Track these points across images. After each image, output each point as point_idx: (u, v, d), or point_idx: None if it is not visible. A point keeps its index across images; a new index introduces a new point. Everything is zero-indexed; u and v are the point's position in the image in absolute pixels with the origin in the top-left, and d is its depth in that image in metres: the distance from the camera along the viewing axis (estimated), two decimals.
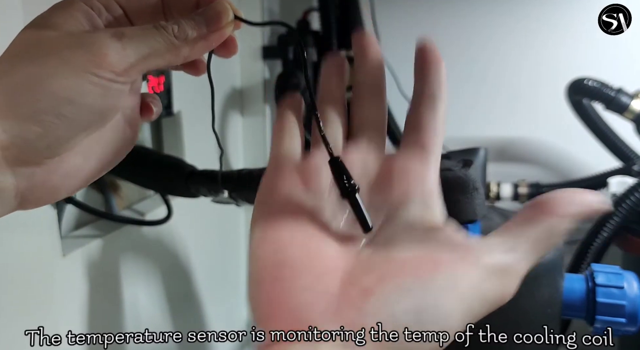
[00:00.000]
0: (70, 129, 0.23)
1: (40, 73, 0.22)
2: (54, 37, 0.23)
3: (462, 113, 1.14)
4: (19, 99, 0.22)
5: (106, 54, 0.22)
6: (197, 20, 0.25)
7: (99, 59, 0.22)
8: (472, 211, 0.45)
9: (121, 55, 0.23)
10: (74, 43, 0.22)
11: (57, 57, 0.22)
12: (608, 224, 0.78)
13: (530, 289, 0.45)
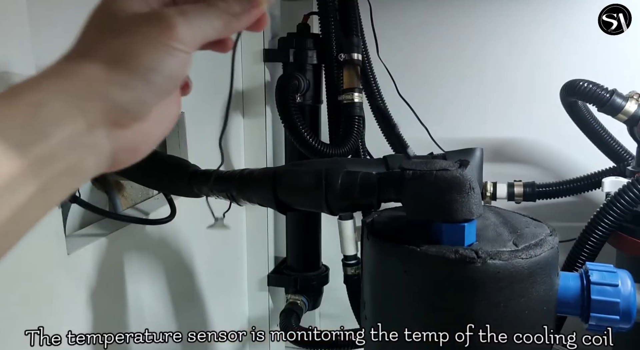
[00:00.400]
0: (155, 94, 0.27)
1: (131, 47, 0.26)
2: (130, 16, 0.27)
3: (459, 114, 1.15)
4: (117, 70, 0.26)
5: (176, 28, 0.27)
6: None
7: (171, 32, 0.27)
8: (469, 210, 0.46)
9: (187, 29, 0.27)
10: (148, 20, 0.27)
11: (139, 33, 0.26)
12: (602, 223, 0.79)
13: (525, 287, 0.46)
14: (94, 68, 0.25)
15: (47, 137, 0.23)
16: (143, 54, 0.26)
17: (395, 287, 0.50)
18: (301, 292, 1.07)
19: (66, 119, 0.24)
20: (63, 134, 0.24)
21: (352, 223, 0.98)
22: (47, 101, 0.24)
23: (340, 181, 0.49)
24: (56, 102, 0.24)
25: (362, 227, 0.55)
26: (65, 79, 0.25)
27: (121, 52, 0.26)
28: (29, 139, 0.23)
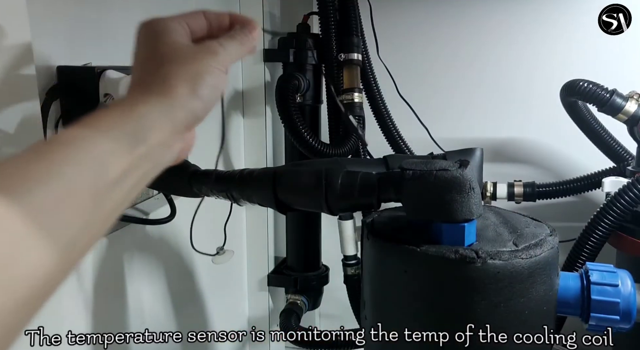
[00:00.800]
0: (213, 104, 0.37)
1: (198, 71, 0.36)
2: (186, 48, 0.37)
3: (459, 114, 1.15)
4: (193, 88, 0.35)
5: (220, 55, 0.37)
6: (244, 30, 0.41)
7: (219, 59, 0.37)
8: (469, 210, 0.46)
9: (226, 56, 0.38)
10: (202, 51, 0.37)
11: (198, 60, 0.36)
12: (602, 223, 0.79)
13: (525, 287, 0.46)
14: (177, 88, 0.34)
15: (146, 140, 0.32)
16: (206, 76, 0.36)
17: (395, 287, 0.50)
18: (301, 292, 1.07)
19: (160, 127, 0.33)
20: (157, 139, 0.33)
21: (352, 223, 0.98)
22: (147, 114, 0.33)
23: (340, 181, 0.49)
24: (154, 114, 0.33)
25: (362, 227, 0.55)
26: (157, 96, 0.34)
27: (193, 76, 0.35)
28: (135, 142, 0.31)
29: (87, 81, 0.57)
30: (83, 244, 0.29)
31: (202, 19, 0.40)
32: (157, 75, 0.35)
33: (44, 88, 0.55)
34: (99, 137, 0.30)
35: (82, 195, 0.28)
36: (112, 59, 0.65)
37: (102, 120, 0.31)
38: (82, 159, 0.29)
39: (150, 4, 0.74)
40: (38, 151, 0.28)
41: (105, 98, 0.56)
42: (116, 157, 0.30)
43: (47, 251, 0.27)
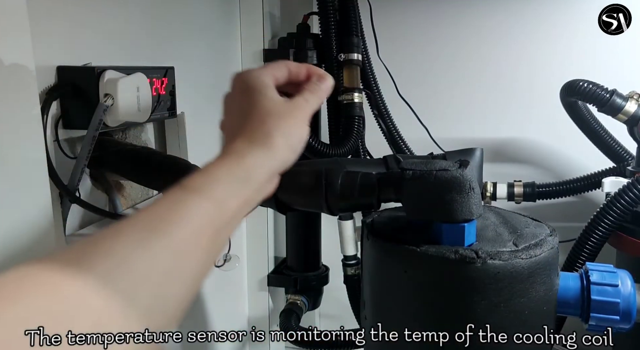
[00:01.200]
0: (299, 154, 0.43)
1: (292, 126, 0.42)
2: (282, 103, 0.42)
3: (459, 114, 1.15)
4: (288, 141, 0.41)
5: (305, 110, 0.44)
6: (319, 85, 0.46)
7: (305, 114, 0.43)
8: (469, 210, 0.46)
9: (309, 109, 0.44)
10: (293, 107, 0.43)
11: (292, 117, 0.42)
12: (602, 223, 0.79)
13: (525, 287, 0.46)
14: (277, 142, 0.40)
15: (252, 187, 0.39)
16: (297, 130, 0.42)
17: (395, 287, 0.50)
18: (301, 292, 1.07)
19: (262, 174, 0.39)
20: (259, 184, 0.39)
21: (352, 223, 0.98)
22: (254, 164, 0.39)
23: (340, 181, 0.49)
24: (258, 164, 0.39)
25: (362, 227, 0.55)
26: (261, 149, 0.40)
27: (287, 130, 0.41)
28: (244, 188, 0.38)
29: (87, 81, 0.57)
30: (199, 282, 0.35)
31: (285, 70, 0.46)
32: (261, 130, 0.41)
33: (44, 88, 0.55)
34: (216, 186, 0.36)
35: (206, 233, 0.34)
36: (112, 59, 0.65)
37: (219, 170, 0.38)
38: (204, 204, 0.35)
39: (150, 4, 0.74)
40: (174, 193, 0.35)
41: (105, 98, 0.56)
42: (230, 201, 0.37)
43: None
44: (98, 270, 0.28)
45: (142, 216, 0.33)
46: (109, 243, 0.30)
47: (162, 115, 0.69)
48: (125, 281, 0.29)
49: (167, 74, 0.69)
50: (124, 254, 0.30)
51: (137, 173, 0.69)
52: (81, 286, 0.27)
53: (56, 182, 0.56)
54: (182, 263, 0.33)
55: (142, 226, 0.32)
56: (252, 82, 0.43)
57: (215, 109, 1.09)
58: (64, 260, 0.29)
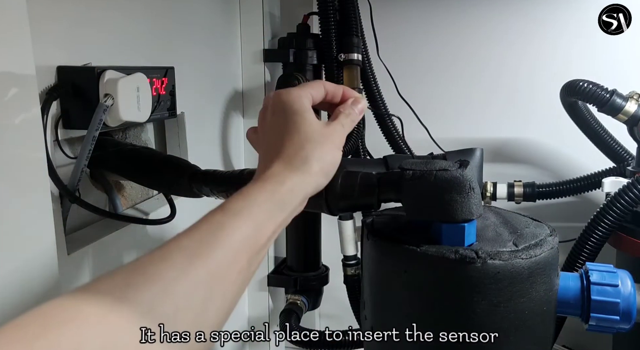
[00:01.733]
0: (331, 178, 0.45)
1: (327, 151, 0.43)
2: (321, 128, 0.44)
3: (459, 114, 1.15)
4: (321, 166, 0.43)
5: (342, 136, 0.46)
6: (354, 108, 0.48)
7: (341, 139, 0.46)
8: (469, 210, 0.46)
9: (344, 133, 0.46)
10: (330, 133, 0.44)
11: (328, 142, 0.44)
12: (602, 223, 0.79)
13: (525, 287, 0.46)
14: (313, 167, 0.42)
15: (287, 210, 0.40)
16: (330, 157, 0.44)
17: (395, 287, 0.50)
18: (301, 292, 1.07)
19: (297, 197, 0.41)
20: (294, 207, 0.41)
21: (352, 223, 0.98)
22: (292, 188, 0.40)
23: (340, 181, 0.49)
24: (296, 189, 0.41)
25: (362, 227, 0.55)
26: (299, 174, 0.41)
27: (323, 156, 0.43)
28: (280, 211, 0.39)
29: (87, 81, 0.57)
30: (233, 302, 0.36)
31: (322, 91, 0.47)
32: (300, 155, 0.42)
33: (44, 88, 0.55)
34: (256, 210, 0.38)
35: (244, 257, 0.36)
36: (112, 59, 0.65)
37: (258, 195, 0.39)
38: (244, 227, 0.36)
39: (150, 4, 0.74)
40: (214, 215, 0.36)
41: (105, 98, 0.56)
42: (268, 224, 0.38)
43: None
44: (143, 299, 0.29)
45: (184, 240, 0.34)
46: (154, 268, 0.31)
47: (162, 115, 0.69)
48: (168, 309, 0.30)
49: (167, 74, 0.69)
50: (167, 280, 0.31)
51: (137, 173, 0.69)
52: (125, 316, 0.28)
53: (56, 182, 0.56)
54: (220, 287, 0.34)
55: (185, 251, 0.33)
56: (292, 103, 0.44)
57: (215, 109, 1.09)
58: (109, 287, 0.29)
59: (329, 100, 0.48)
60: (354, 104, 0.48)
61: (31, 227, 0.47)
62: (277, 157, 0.42)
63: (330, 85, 0.48)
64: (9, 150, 0.44)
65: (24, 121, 0.45)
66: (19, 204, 0.45)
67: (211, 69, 0.95)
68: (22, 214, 0.46)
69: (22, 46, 0.45)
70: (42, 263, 0.50)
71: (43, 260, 0.50)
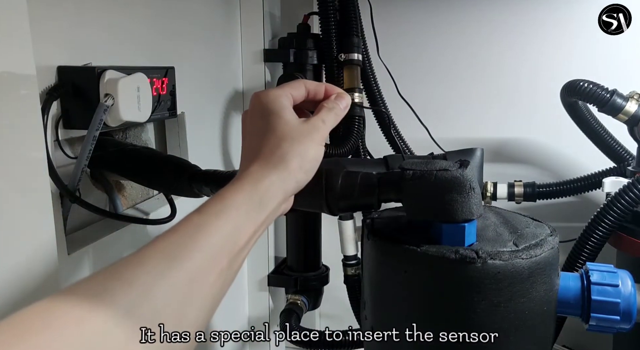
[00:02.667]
0: (312, 175, 0.44)
1: (306, 147, 0.43)
2: (299, 125, 0.43)
3: (459, 114, 1.15)
4: (302, 162, 0.42)
5: (323, 131, 0.45)
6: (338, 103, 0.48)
7: (321, 134, 0.44)
8: (469, 210, 0.46)
9: (325, 129, 0.45)
10: (309, 129, 0.43)
11: (308, 138, 0.43)
12: (603, 223, 0.79)
13: (526, 287, 0.46)
14: (291, 164, 0.41)
15: (267, 209, 0.40)
16: (312, 152, 0.43)
17: (395, 287, 0.50)
18: (301, 292, 1.07)
19: (277, 197, 0.41)
20: (273, 206, 0.40)
21: (352, 223, 0.98)
22: (270, 187, 0.40)
23: (340, 181, 0.49)
24: (274, 187, 0.40)
25: (363, 227, 0.55)
26: (276, 172, 0.41)
27: (302, 152, 0.42)
28: (259, 212, 0.39)
29: (87, 81, 0.57)
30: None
31: (303, 89, 0.47)
32: (277, 153, 0.42)
33: (44, 88, 0.55)
34: (234, 211, 0.37)
35: (223, 259, 0.35)
36: (113, 59, 0.65)
37: (235, 196, 0.38)
38: (222, 229, 0.36)
39: (151, 4, 0.74)
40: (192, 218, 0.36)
41: (105, 98, 0.56)
42: (247, 225, 0.38)
43: None
44: (121, 303, 0.29)
45: (161, 244, 0.34)
46: (130, 273, 0.31)
47: (163, 115, 0.69)
48: (147, 313, 0.30)
49: (168, 74, 0.69)
50: (145, 284, 0.30)
51: (138, 173, 0.69)
52: (103, 320, 0.28)
53: (56, 182, 0.56)
54: (200, 290, 0.33)
55: (162, 254, 0.33)
56: (269, 104, 0.44)
57: (216, 109, 1.09)
58: (86, 292, 0.29)
59: (311, 99, 0.48)
60: (338, 99, 0.48)
61: (31, 227, 0.47)
62: (255, 157, 0.42)
63: (311, 83, 0.48)
64: (9, 150, 0.44)
65: (24, 121, 0.45)
66: (19, 203, 0.45)
67: (211, 69, 0.95)
68: (23, 213, 0.46)
69: (22, 46, 0.45)
70: (42, 263, 0.50)
71: (43, 260, 0.50)
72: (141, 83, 0.61)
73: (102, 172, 0.70)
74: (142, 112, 0.61)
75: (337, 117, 0.47)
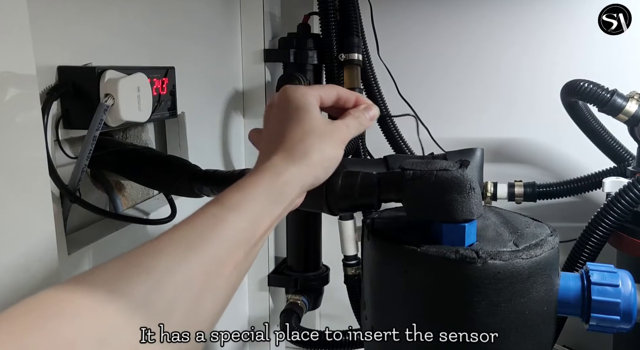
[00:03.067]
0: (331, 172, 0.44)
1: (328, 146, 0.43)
2: (325, 123, 0.44)
3: (459, 114, 1.15)
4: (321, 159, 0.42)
5: (344, 134, 0.45)
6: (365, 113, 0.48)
7: (343, 137, 0.45)
8: (469, 210, 0.46)
9: (348, 134, 0.46)
10: (334, 130, 0.44)
11: (330, 138, 0.43)
12: (603, 223, 0.79)
13: (526, 287, 0.46)
14: (313, 160, 0.42)
15: (285, 202, 0.40)
16: (332, 151, 0.43)
17: (395, 287, 0.50)
18: (301, 292, 1.07)
19: (295, 190, 0.41)
20: (291, 199, 0.41)
21: (352, 223, 0.98)
22: (290, 180, 0.40)
23: (340, 181, 0.49)
24: (293, 181, 0.40)
25: (363, 227, 0.55)
26: (297, 166, 0.41)
27: (323, 150, 0.42)
28: (278, 204, 0.39)
29: (87, 81, 0.57)
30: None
31: (334, 94, 0.47)
32: (300, 147, 0.42)
33: (44, 88, 0.55)
34: (253, 203, 0.37)
35: (240, 251, 0.35)
36: (113, 59, 0.65)
37: (255, 188, 0.39)
38: (241, 221, 0.36)
39: (151, 4, 0.74)
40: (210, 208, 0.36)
41: (105, 98, 0.56)
42: (264, 218, 0.38)
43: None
44: (135, 293, 0.29)
45: (178, 233, 0.33)
46: (147, 262, 0.31)
47: (163, 115, 0.69)
48: (161, 303, 0.29)
49: (168, 74, 0.69)
50: (161, 273, 0.30)
51: (138, 173, 0.69)
52: (116, 310, 0.27)
53: (57, 182, 0.56)
54: (215, 282, 0.33)
55: (179, 243, 0.32)
56: (299, 98, 0.44)
57: (216, 109, 1.09)
58: (101, 281, 0.29)
59: (340, 106, 0.48)
60: (366, 110, 0.48)
61: (31, 227, 0.47)
62: (278, 148, 0.42)
63: (344, 91, 0.48)
64: (9, 150, 0.44)
65: (24, 121, 0.45)
66: (19, 203, 0.45)
67: (211, 69, 0.95)
68: (23, 213, 0.46)
69: (22, 46, 0.45)
70: (42, 263, 0.50)
71: (43, 260, 0.50)
72: (141, 83, 0.61)
73: (102, 172, 0.70)
74: (142, 112, 0.61)
75: (361, 126, 0.47)
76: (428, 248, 0.46)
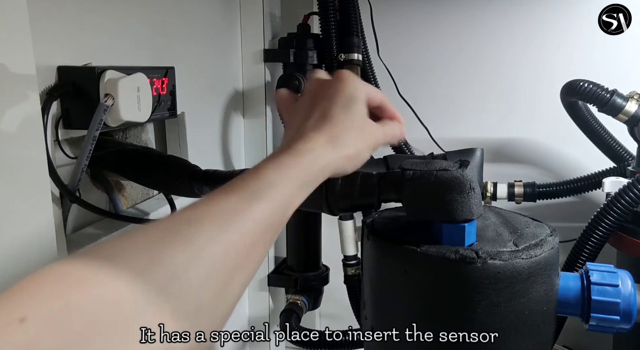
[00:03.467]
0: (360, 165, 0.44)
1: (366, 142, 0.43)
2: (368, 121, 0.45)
3: (459, 114, 1.15)
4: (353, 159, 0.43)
5: (379, 138, 0.46)
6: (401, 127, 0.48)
7: (377, 141, 0.45)
8: (469, 211, 0.46)
9: (381, 139, 0.46)
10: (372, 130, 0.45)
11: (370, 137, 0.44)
12: (603, 223, 0.79)
13: (526, 287, 0.46)
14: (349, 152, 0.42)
15: (311, 188, 0.40)
16: (367, 153, 0.44)
17: (395, 287, 0.50)
18: (301, 292, 1.07)
19: (322, 178, 0.40)
20: (318, 184, 0.40)
21: (352, 223, 0.98)
22: (323, 169, 0.40)
23: (340, 181, 0.49)
24: (326, 172, 0.41)
25: (363, 227, 0.55)
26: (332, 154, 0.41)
27: (361, 148, 0.43)
28: (308, 188, 0.39)
29: (87, 81, 0.57)
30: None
31: (379, 97, 0.47)
32: (344, 138, 0.42)
33: (44, 88, 0.55)
34: (288, 184, 0.37)
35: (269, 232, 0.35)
36: (113, 59, 0.65)
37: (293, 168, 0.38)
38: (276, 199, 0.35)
39: (151, 4, 0.74)
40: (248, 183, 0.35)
41: (105, 98, 0.56)
42: (295, 200, 0.38)
43: None
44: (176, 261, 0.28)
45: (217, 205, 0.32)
46: (186, 230, 0.30)
47: (163, 115, 0.69)
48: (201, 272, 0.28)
49: (168, 74, 0.69)
50: (200, 244, 0.29)
51: (138, 173, 0.69)
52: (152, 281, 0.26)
53: (56, 182, 0.56)
54: (245, 261, 0.32)
55: (219, 216, 0.31)
56: (355, 88, 0.44)
57: (215, 109, 1.09)
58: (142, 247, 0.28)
59: (377, 113, 0.48)
60: (401, 127, 0.49)
61: (32, 227, 0.47)
62: (322, 129, 0.41)
63: (387, 101, 0.48)
64: (9, 150, 0.44)
65: (24, 121, 0.45)
66: (19, 203, 0.45)
67: (211, 69, 0.95)
68: (23, 213, 0.46)
69: (22, 46, 0.45)
70: (42, 263, 0.50)
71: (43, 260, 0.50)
72: (141, 83, 0.61)
73: (102, 172, 0.70)
74: (142, 112, 0.61)
75: (393, 138, 0.48)
76: (428, 248, 0.46)
